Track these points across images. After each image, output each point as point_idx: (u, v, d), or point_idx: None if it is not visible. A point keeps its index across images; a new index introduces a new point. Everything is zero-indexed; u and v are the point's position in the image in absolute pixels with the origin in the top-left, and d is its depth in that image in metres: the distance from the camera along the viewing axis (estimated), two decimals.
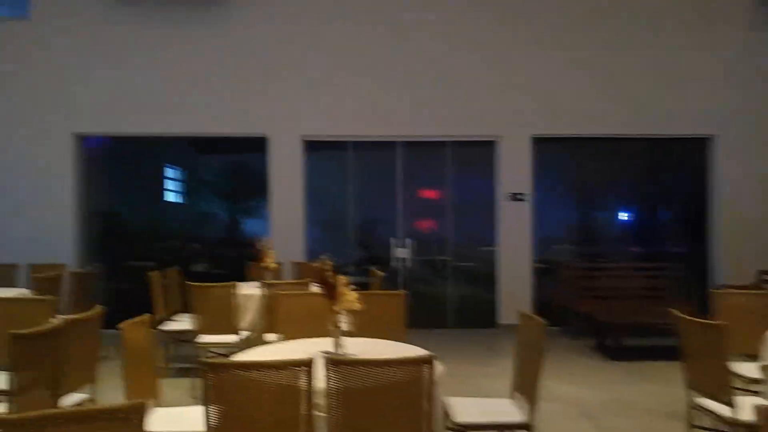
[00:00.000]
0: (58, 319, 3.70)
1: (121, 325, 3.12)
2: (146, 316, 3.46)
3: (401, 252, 8.33)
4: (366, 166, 8.56)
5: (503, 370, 6.01)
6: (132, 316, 3.32)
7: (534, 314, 3.45)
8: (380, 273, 6.08)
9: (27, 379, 3.25)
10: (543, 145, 8.38)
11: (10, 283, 6.88)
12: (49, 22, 7.94)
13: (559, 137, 8.39)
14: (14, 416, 1.84)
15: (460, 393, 3.74)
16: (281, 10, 8.11)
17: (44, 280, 5.98)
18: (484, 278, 8.51)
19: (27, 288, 6.43)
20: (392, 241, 8.38)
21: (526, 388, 3.37)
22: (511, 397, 3.58)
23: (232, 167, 9.54)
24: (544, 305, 8.17)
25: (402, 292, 4.48)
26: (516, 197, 8.27)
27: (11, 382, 3.14)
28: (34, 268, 7.11)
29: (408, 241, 8.36)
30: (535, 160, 8.35)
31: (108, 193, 8.70)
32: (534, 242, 8.37)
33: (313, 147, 8.31)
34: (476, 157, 8.58)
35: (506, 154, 8.29)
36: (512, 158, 8.29)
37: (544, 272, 8.52)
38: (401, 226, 8.39)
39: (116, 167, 8.92)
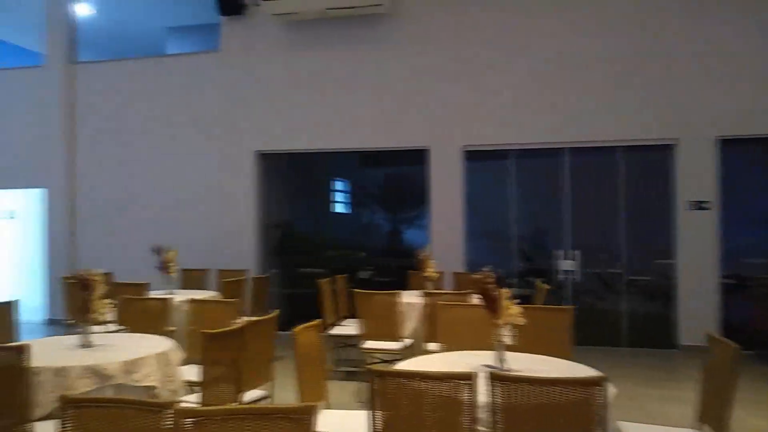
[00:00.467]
0: (241, 320, 4.07)
1: (295, 329, 3.34)
2: (317, 321, 3.66)
3: (567, 264, 7.95)
4: (529, 174, 8.32)
5: (683, 395, 5.46)
6: (303, 319, 3.53)
7: (721, 336, 3.08)
8: (545, 286, 5.85)
9: (214, 374, 3.60)
10: (731, 148, 7.52)
11: (201, 286, 7.72)
12: (235, 53, 8.82)
13: (750, 138, 7.48)
14: (205, 409, 2.04)
15: (636, 418, 3.45)
16: (443, 25, 8.21)
17: (229, 284, 6.61)
18: (661, 294, 7.82)
19: (215, 291, 7.17)
20: (558, 252, 8.04)
21: (714, 418, 3.01)
22: (696, 427, 3.22)
23: (394, 179, 9.83)
24: (732, 326, 7.30)
25: (569, 306, 4.26)
26: (699, 206, 7.50)
27: (202, 375, 3.51)
28: (221, 273, 7.91)
29: (575, 252, 7.95)
30: (723, 164, 7.51)
31: (283, 205, 9.41)
32: (720, 255, 7.52)
33: (474, 157, 8.26)
34: (651, 162, 7.93)
35: (687, 159, 7.56)
36: (694, 163, 7.53)
37: (733, 288, 7.60)
38: (568, 237, 8.01)
39: (290, 181, 9.64)
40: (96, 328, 4.21)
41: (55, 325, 9.21)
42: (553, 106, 7.88)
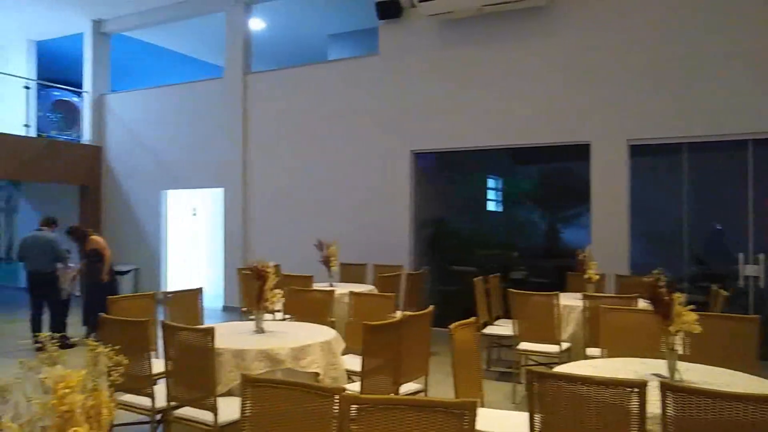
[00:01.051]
0: (399, 314, 4.19)
1: (452, 326, 3.36)
2: (473, 319, 3.66)
3: (751, 269, 7.11)
4: (704, 170, 7.57)
5: None
6: (454, 317, 3.54)
7: None
8: (723, 292, 5.30)
9: (374, 365, 3.74)
10: None
11: (359, 280, 8.07)
12: (392, 55, 9.08)
13: None
14: (370, 397, 2.13)
15: None
16: (604, 16, 7.75)
17: (386, 279, 6.84)
18: None
19: (373, 285, 7.46)
20: (740, 256, 7.22)
21: None
22: None
23: (551, 176, 9.49)
24: None
25: (753, 316, 3.83)
26: None
27: (362, 365, 3.67)
28: (377, 268, 8.21)
29: (759, 256, 7.10)
30: None
31: (437, 203, 9.52)
32: None
33: (640, 151, 7.71)
34: None
35: None
36: None
37: None
38: (752, 239, 7.17)
39: (443, 179, 9.72)
40: (267, 315, 4.59)
41: (230, 311, 10.16)
42: (735, 91, 7.09)
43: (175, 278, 11.78)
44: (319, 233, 8.55)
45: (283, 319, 5.72)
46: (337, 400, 2.14)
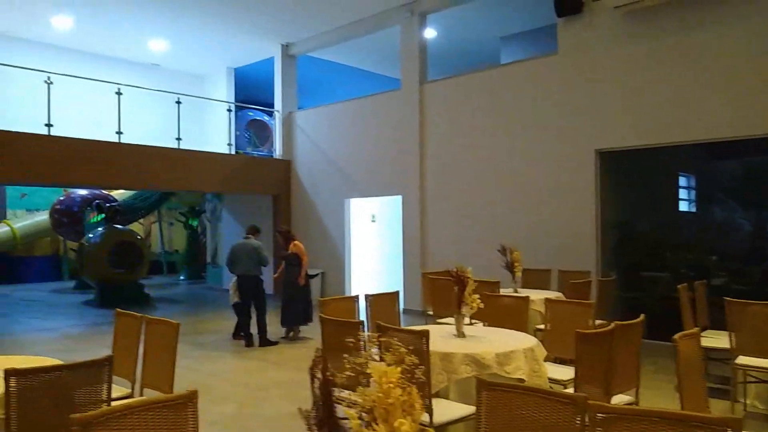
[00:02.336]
0: (605, 323, 4.04)
1: (675, 337, 3.17)
2: (694, 330, 3.42)
3: None
4: None
5: None
6: (648, 327, 3.31)
7: None
8: None
9: (585, 374, 3.65)
10: None
11: (543, 286, 7.88)
12: (572, 53, 8.78)
13: None
14: (619, 406, 2.08)
15: None
16: None
17: (576, 285, 6.60)
18: None
19: (559, 292, 7.25)
20: None
21: None
22: None
23: (755, 171, 8.52)
24: None
25: None
26: None
27: (573, 373, 3.59)
28: (562, 273, 7.95)
29: None
30: None
31: (623, 204, 9.00)
32: None
33: None
34: None
35: None
36: None
37: None
38: None
39: (630, 179, 9.16)
40: (458, 319, 4.67)
41: (411, 314, 10.48)
42: None
43: (358, 281, 12.45)
44: (497, 238, 8.52)
45: (472, 324, 5.79)
46: (582, 408, 2.13)
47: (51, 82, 10.11)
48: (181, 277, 18.04)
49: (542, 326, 5.88)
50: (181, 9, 10.97)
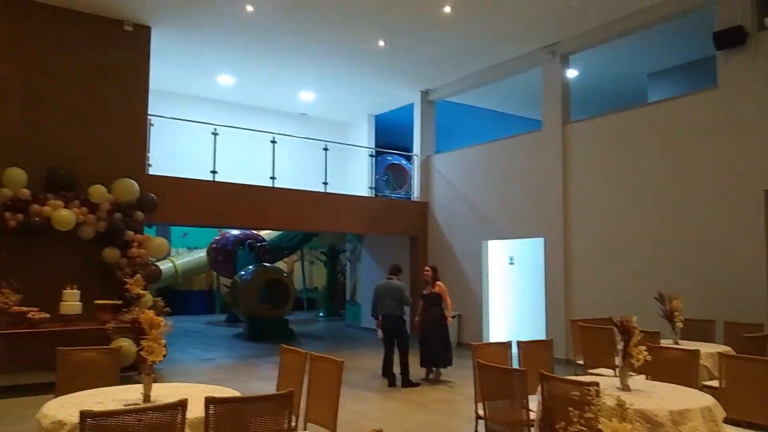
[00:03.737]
0: None
1: None
2: None
3: None
4: None
5: None
6: None
7: None
8: None
9: None
10: None
11: (706, 338, 7.21)
12: (735, 88, 8.18)
13: None
14: None
15: None
16: None
17: (751, 339, 6.00)
18: None
19: (725, 345, 6.61)
20: None
21: None
22: None
23: None
24: None
25: None
26: None
27: None
28: (729, 325, 7.25)
29: None
30: None
31: None
32: None
33: None
34: None
35: None
36: None
37: None
38: None
39: None
40: (623, 372, 4.41)
41: (556, 363, 10.05)
42: None
43: (496, 325, 12.21)
44: (649, 284, 8.01)
45: (631, 376, 5.44)
46: None
47: (217, 133, 11.20)
48: (321, 314, 18.79)
49: (712, 383, 5.40)
50: (327, 62, 11.74)
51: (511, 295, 12.69)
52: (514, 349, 5.37)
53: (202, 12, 9.54)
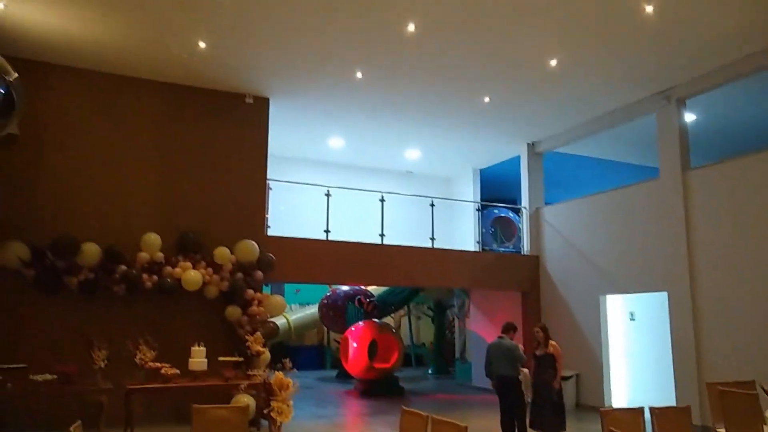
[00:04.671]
0: None
1: None
2: None
3: None
4: None
5: None
6: None
7: None
8: None
9: None
10: None
11: None
12: None
13: None
14: None
15: None
16: None
17: None
18: None
19: None
20: None
21: None
22: None
23: None
24: None
25: None
26: None
27: None
28: None
29: None
30: None
31: None
32: None
33: None
34: None
35: None
36: None
37: None
38: None
39: None
40: None
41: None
42: None
43: (617, 387, 11.45)
44: None
45: None
46: None
47: (329, 194, 11.68)
48: (430, 371, 18.52)
49: None
50: (432, 120, 12.00)
51: (632, 354, 11.90)
52: (647, 415, 5.00)
53: (314, 82, 10.16)
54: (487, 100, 10.82)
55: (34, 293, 8.56)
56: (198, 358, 8.31)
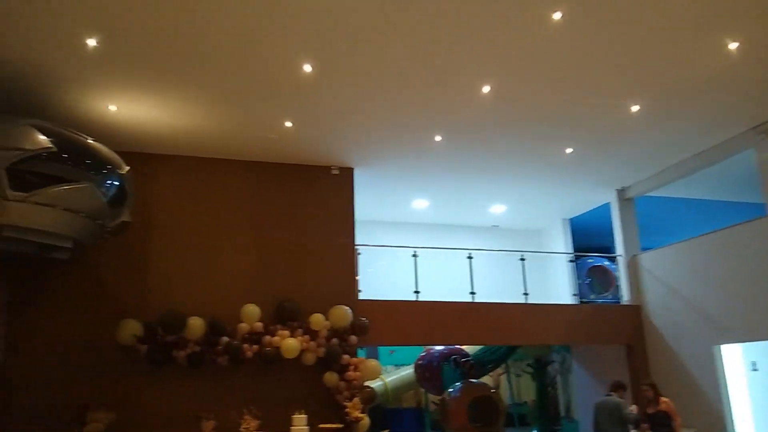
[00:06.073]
0: None
1: None
2: None
3: None
4: None
5: None
6: None
7: None
8: None
9: None
10: None
11: None
12: None
13: None
14: None
15: None
16: None
17: None
18: None
19: None
20: None
21: None
22: None
23: None
24: None
25: None
26: None
27: None
28: None
29: None
30: None
31: None
32: None
33: None
34: None
35: None
36: None
37: None
38: None
39: None
40: None
41: None
42: None
43: None
44: None
45: None
46: None
47: (417, 255, 11.79)
48: (533, 431, 17.68)
49: None
50: (515, 174, 11.95)
51: (758, 407, 10.85)
52: None
53: (396, 148, 10.50)
54: (569, 150, 10.70)
55: (146, 367, 9.11)
56: (299, 425, 8.48)
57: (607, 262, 14.32)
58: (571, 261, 14.07)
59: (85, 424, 7.80)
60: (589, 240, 15.02)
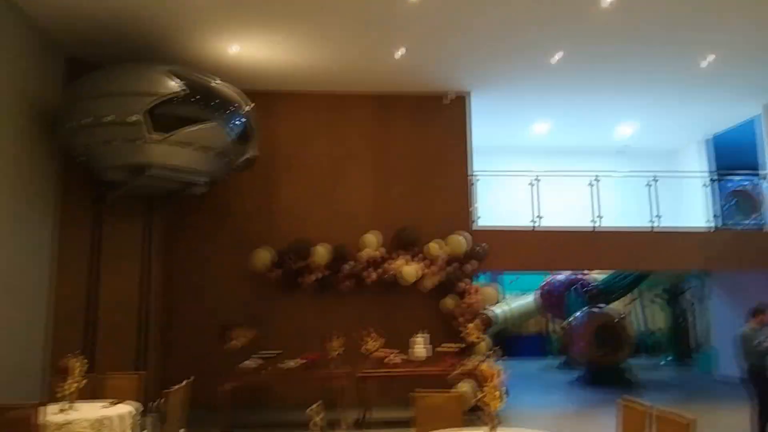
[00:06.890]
0: None
1: None
2: None
3: None
4: None
5: None
6: None
7: None
8: None
9: None
10: None
11: None
12: None
13: None
14: None
15: None
16: None
17: None
18: None
19: None
20: None
21: None
22: None
23: None
24: None
25: None
26: None
27: None
28: None
29: None
30: None
31: None
32: None
33: None
34: None
35: None
36: None
37: None
38: None
39: None
40: None
41: None
42: None
43: None
44: None
45: None
46: None
47: (538, 179, 11.48)
48: (664, 361, 17.10)
49: None
50: (645, 89, 11.07)
51: None
52: None
53: (514, 70, 10.15)
54: (711, 58, 9.62)
55: (278, 292, 9.92)
56: (420, 346, 8.87)
57: (750, 185, 13.01)
58: (711, 180, 12.87)
59: (231, 339, 8.72)
60: (728, 160, 13.67)
